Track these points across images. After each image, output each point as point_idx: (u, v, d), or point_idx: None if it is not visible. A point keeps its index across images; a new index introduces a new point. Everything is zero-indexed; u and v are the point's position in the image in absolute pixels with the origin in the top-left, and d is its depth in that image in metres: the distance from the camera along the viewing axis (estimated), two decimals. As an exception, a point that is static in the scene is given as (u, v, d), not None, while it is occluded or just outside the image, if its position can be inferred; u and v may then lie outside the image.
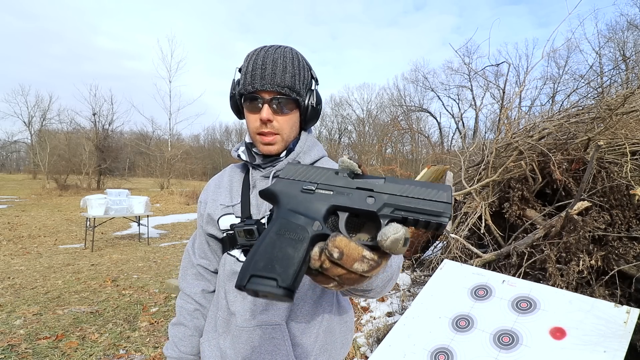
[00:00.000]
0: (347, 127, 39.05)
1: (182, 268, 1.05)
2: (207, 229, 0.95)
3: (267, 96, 0.83)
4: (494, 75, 20.86)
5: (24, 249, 6.27)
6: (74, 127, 25.71)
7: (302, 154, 0.92)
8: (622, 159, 2.75)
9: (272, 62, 0.83)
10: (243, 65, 0.86)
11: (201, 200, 1.00)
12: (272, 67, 0.82)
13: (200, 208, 1.00)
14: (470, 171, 4.38)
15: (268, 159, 0.91)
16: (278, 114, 0.85)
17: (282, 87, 0.83)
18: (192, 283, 1.01)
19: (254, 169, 0.94)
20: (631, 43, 19.97)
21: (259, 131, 0.86)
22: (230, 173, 1.01)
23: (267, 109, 0.83)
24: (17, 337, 2.87)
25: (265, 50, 0.85)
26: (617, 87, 4.99)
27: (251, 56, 0.85)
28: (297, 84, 0.85)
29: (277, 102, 0.83)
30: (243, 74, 0.85)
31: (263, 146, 0.88)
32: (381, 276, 0.64)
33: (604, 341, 1.56)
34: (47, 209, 12.18)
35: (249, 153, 0.94)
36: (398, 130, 31.93)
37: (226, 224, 0.91)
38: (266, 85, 0.82)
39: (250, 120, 0.87)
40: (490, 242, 3.30)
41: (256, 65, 0.83)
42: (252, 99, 0.84)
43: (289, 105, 0.86)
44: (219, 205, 0.93)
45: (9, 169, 44.56)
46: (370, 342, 2.64)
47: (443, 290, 2.18)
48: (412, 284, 3.82)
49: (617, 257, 2.41)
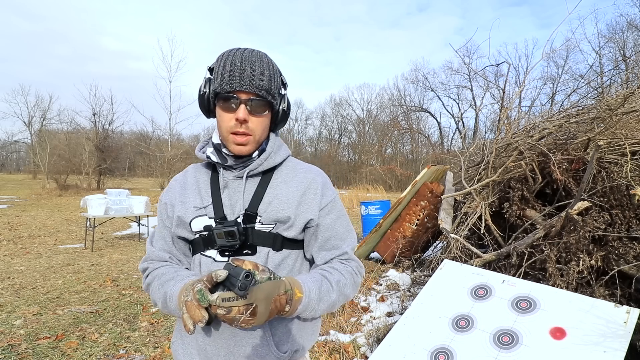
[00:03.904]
0: (347, 127, 39.07)
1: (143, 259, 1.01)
2: (177, 231, 0.93)
3: (244, 97, 0.84)
4: (494, 75, 20.91)
5: (24, 249, 6.27)
6: (74, 127, 25.76)
7: (272, 154, 0.94)
8: (622, 159, 2.75)
9: (251, 64, 0.84)
10: (217, 65, 0.86)
11: (166, 202, 0.97)
12: (251, 69, 0.84)
13: (166, 210, 0.97)
14: (470, 171, 4.38)
15: (240, 160, 0.92)
16: (253, 115, 0.86)
17: (260, 89, 0.85)
18: (159, 254, 0.97)
19: (225, 169, 0.93)
20: (631, 43, 19.98)
21: (233, 130, 0.86)
22: (194, 173, 0.99)
23: (244, 109, 0.84)
24: (17, 337, 2.87)
25: (241, 52, 0.86)
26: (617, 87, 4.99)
27: (227, 57, 0.86)
28: (272, 88, 0.87)
29: (253, 103, 0.85)
30: (219, 73, 0.85)
31: (235, 146, 0.88)
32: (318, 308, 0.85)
33: (604, 341, 1.56)
34: (47, 209, 12.18)
35: (219, 154, 0.94)
36: (398, 130, 31.96)
37: (199, 225, 0.90)
38: (245, 86, 0.83)
39: (224, 120, 0.87)
40: (490, 242, 3.30)
41: (234, 65, 0.84)
42: (228, 98, 0.84)
43: (263, 107, 0.87)
44: (190, 208, 0.92)
45: (9, 169, 44.56)
46: (370, 342, 2.64)
47: (443, 290, 2.18)
48: (412, 284, 3.82)
49: (617, 257, 2.41)
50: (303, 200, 0.92)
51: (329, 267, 0.92)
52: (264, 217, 0.89)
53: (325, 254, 0.94)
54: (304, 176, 0.96)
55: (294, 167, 0.98)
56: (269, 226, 0.89)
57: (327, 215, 0.94)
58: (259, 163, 0.92)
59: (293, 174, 0.96)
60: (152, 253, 0.97)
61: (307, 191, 0.93)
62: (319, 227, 0.93)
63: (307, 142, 41.33)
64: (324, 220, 0.94)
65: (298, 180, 0.95)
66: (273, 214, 0.89)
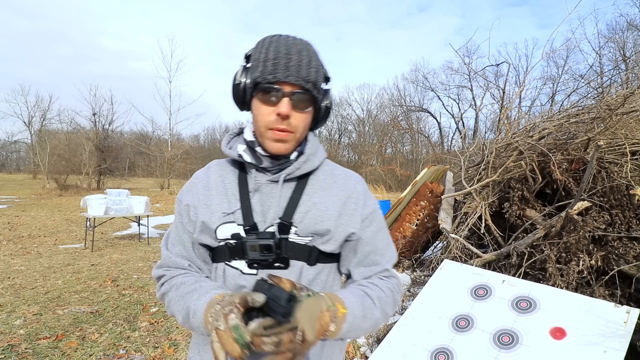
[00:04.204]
0: (347, 127, 39.05)
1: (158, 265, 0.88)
2: (200, 238, 0.83)
3: (288, 89, 0.75)
4: (494, 75, 20.91)
5: (24, 249, 6.27)
6: (74, 127, 25.76)
7: (311, 156, 0.84)
8: (622, 159, 2.75)
9: (298, 53, 0.75)
10: (257, 52, 0.77)
11: (188, 204, 0.85)
12: (298, 58, 0.74)
13: (187, 213, 0.85)
14: (470, 171, 4.38)
15: (276, 162, 0.82)
16: (296, 110, 0.77)
17: (307, 81, 0.75)
18: (177, 260, 0.85)
19: (257, 171, 0.83)
20: (631, 43, 19.99)
21: (273, 127, 0.76)
22: (218, 172, 0.88)
23: (287, 102, 0.75)
24: (17, 337, 2.87)
25: (286, 39, 0.77)
26: (617, 87, 4.99)
27: (269, 43, 0.76)
28: (319, 80, 0.78)
29: (297, 97, 0.75)
30: (261, 61, 0.75)
31: (274, 143, 0.78)
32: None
33: (604, 341, 1.56)
34: (47, 209, 12.18)
35: (252, 153, 0.83)
36: (398, 130, 31.95)
37: (226, 233, 0.80)
38: (290, 77, 0.74)
39: (263, 114, 0.77)
40: (490, 242, 3.30)
41: (279, 53, 0.74)
42: (269, 89, 0.75)
43: (307, 102, 0.78)
44: (216, 212, 0.81)
45: (9, 169, 44.57)
46: (370, 342, 2.64)
47: (443, 290, 2.18)
48: (412, 284, 3.82)
49: (617, 257, 2.41)
50: (344, 211, 0.83)
51: (368, 283, 0.84)
52: (301, 228, 0.79)
53: (364, 270, 0.86)
54: (344, 183, 0.87)
55: (332, 172, 0.88)
56: (305, 238, 0.80)
57: (367, 227, 0.85)
58: (297, 166, 0.82)
59: (332, 180, 0.86)
60: (169, 259, 0.85)
61: (347, 201, 0.84)
62: (359, 240, 0.84)
63: (307, 142, 41.25)
64: (365, 233, 0.84)
65: (338, 187, 0.85)
66: (311, 226, 0.79)
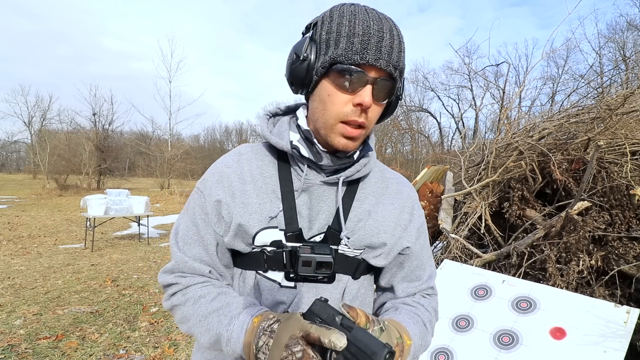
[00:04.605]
0: (347, 127, 39.03)
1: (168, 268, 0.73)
2: (232, 242, 0.69)
3: (375, 75, 0.61)
4: (494, 75, 20.91)
5: (24, 249, 6.27)
6: (74, 127, 25.77)
7: (373, 157, 0.74)
8: (622, 159, 2.75)
9: (389, 31, 0.60)
10: (334, 23, 0.61)
11: (220, 199, 0.68)
12: (390, 39, 0.60)
13: (218, 209, 0.69)
14: (470, 171, 4.38)
15: (338, 160, 0.69)
16: (375, 102, 0.63)
17: (396, 68, 0.62)
18: (195, 265, 0.70)
19: (310, 168, 0.69)
20: (631, 43, 20.00)
21: (348, 119, 0.63)
22: (254, 161, 0.72)
23: (370, 91, 0.61)
24: (17, 337, 2.87)
25: (372, 12, 0.62)
26: (617, 87, 4.99)
27: (352, 14, 0.61)
28: (404, 69, 0.65)
29: (381, 85, 0.62)
30: (343, 36, 0.60)
31: (343, 139, 0.65)
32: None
33: (604, 341, 1.56)
34: (47, 209, 12.18)
35: (309, 146, 0.69)
36: (398, 130, 31.96)
37: (266, 239, 0.67)
38: (381, 61, 0.60)
39: (337, 102, 0.62)
40: (490, 242, 3.30)
41: (368, 29, 0.59)
42: (352, 72, 0.60)
43: (388, 92, 0.64)
44: (257, 215, 0.67)
45: (9, 169, 44.56)
46: (370, 342, 2.64)
47: (443, 290, 2.18)
48: (412, 284, 3.82)
49: (617, 257, 2.41)
50: (399, 222, 0.73)
51: (416, 304, 0.75)
52: (353, 240, 0.69)
53: (407, 285, 0.77)
54: (398, 190, 0.77)
55: (383, 176, 0.78)
56: (356, 251, 0.71)
57: (417, 240, 0.76)
58: (358, 168, 0.70)
59: (384, 185, 0.76)
60: (184, 263, 0.69)
61: (403, 210, 0.75)
62: (409, 255, 0.75)
63: (307, 142, 41.27)
64: (415, 247, 0.76)
65: (392, 194, 0.75)
66: (366, 238, 0.70)
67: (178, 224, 0.73)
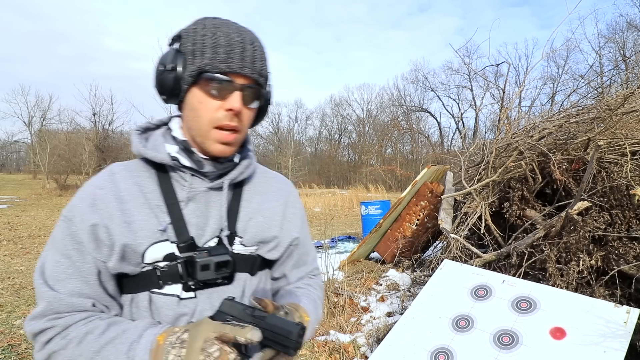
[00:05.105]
0: (347, 127, 39.09)
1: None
2: (118, 266, 0.64)
3: (242, 82, 0.66)
4: (494, 75, 20.93)
5: (24, 249, 6.27)
6: (74, 127, 25.79)
7: (253, 159, 0.79)
8: (622, 159, 2.75)
9: (251, 42, 0.67)
10: (199, 35, 0.66)
11: (95, 223, 0.63)
12: (252, 49, 0.66)
13: (94, 234, 0.63)
14: (470, 171, 4.38)
15: (220, 165, 0.72)
16: (245, 107, 0.68)
17: (260, 75, 0.68)
18: (73, 301, 0.62)
19: (192, 176, 0.70)
20: (631, 43, 20.02)
21: (221, 124, 0.66)
22: (129, 178, 0.69)
23: (239, 97, 0.66)
24: (17, 337, 2.87)
25: (233, 25, 0.68)
26: (617, 87, 4.99)
27: (215, 27, 0.66)
28: (268, 76, 0.72)
29: (249, 91, 0.67)
30: (208, 47, 0.64)
31: (219, 145, 0.68)
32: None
33: (604, 341, 1.56)
34: (47, 209, 12.18)
35: (189, 155, 0.70)
36: (398, 130, 31.99)
37: (157, 254, 0.65)
38: (246, 69, 0.65)
39: (208, 108, 0.65)
40: (490, 242, 3.30)
41: (232, 40, 0.65)
42: (220, 80, 0.64)
43: (256, 97, 0.69)
44: (143, 231, 0.65)
45: (9, 169, 44.56)
46: (370, 342, 2.64)
47: (443, 291, 2.18)
48: (412, 284, 3.82)
49: (617, 257, 2.41)
50: (286, 215, 0.80)
51: (305, 285, 0.85)
52: (246, 238, 0.73)
53: (297, 271, 0.85)
54: (280, 187, 0.84)
55: (265, 176, 0.83)
56: (250, 248, 0.74)
57: (302, 229, 0.84)
58: (241, 170, 0.74)
59: (267, 184, 0.82)
60: (59, 302, 0.61)
61: (287, 205, 0.82)
62: (298, 245, 0.83)
63: (307, 142, 41.37)
64: (302, 235, 0.83)
65: (274, 191, 0.82)
66: (258, 234, 0.74)
67: (43, 261, 0.65)
